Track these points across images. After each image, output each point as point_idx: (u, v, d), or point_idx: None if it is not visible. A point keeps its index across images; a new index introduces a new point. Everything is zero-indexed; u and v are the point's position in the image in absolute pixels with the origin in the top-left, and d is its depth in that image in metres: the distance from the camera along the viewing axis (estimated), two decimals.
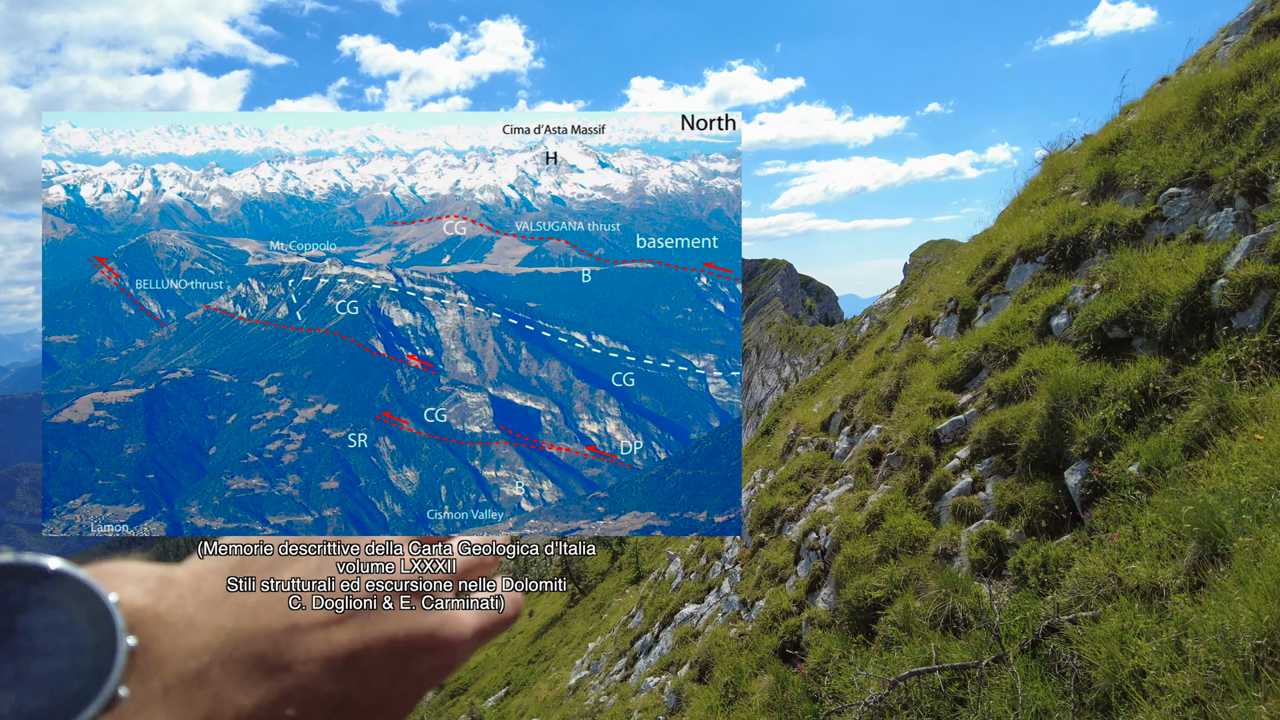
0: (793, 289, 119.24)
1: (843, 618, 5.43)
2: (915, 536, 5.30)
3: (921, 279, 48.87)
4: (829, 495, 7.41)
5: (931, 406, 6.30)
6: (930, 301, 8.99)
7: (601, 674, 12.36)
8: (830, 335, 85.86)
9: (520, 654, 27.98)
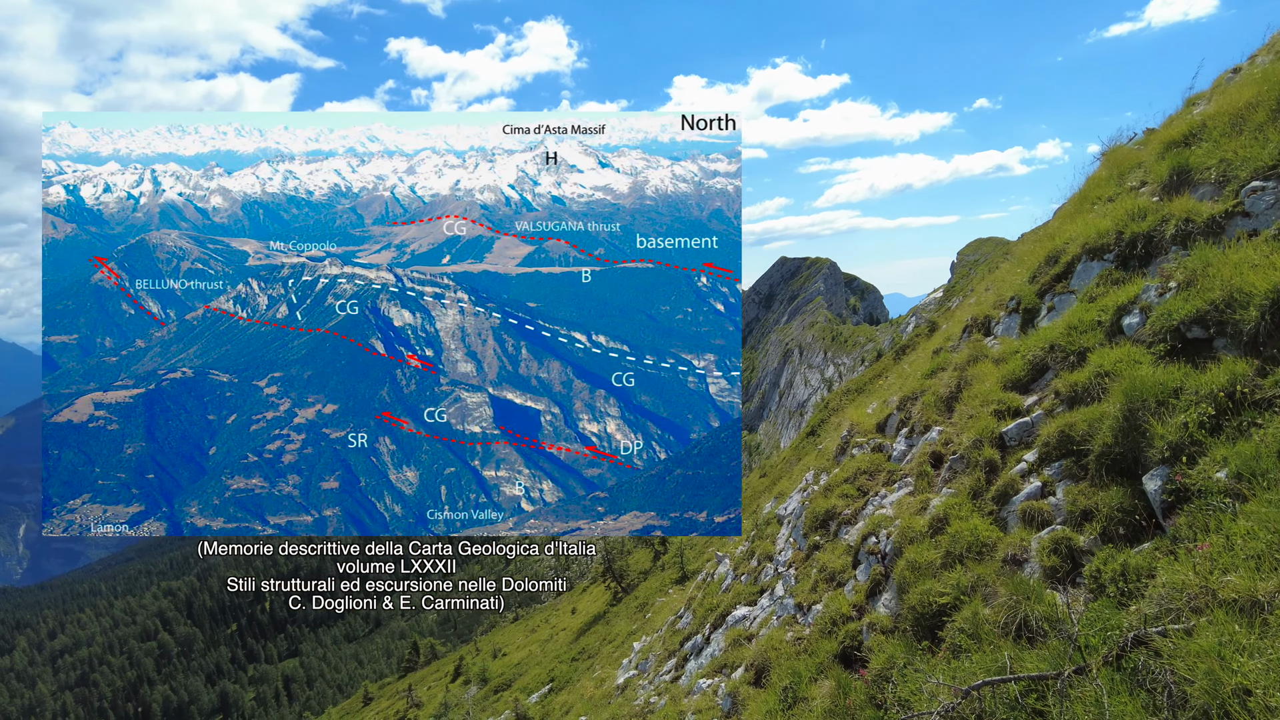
0: (836, 288, 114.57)
1: (906, 623, 5.25)
2: (981, 542, 5.14)
3: (969, 278, 47.76)
4: (888, 498, 7.23)
5: (995, 408, 6.12)
6: (989, 300, 8.64)
7: (650, 674, 12.34)
8: (875, 335, 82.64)
9: (563, 651, 27.93)
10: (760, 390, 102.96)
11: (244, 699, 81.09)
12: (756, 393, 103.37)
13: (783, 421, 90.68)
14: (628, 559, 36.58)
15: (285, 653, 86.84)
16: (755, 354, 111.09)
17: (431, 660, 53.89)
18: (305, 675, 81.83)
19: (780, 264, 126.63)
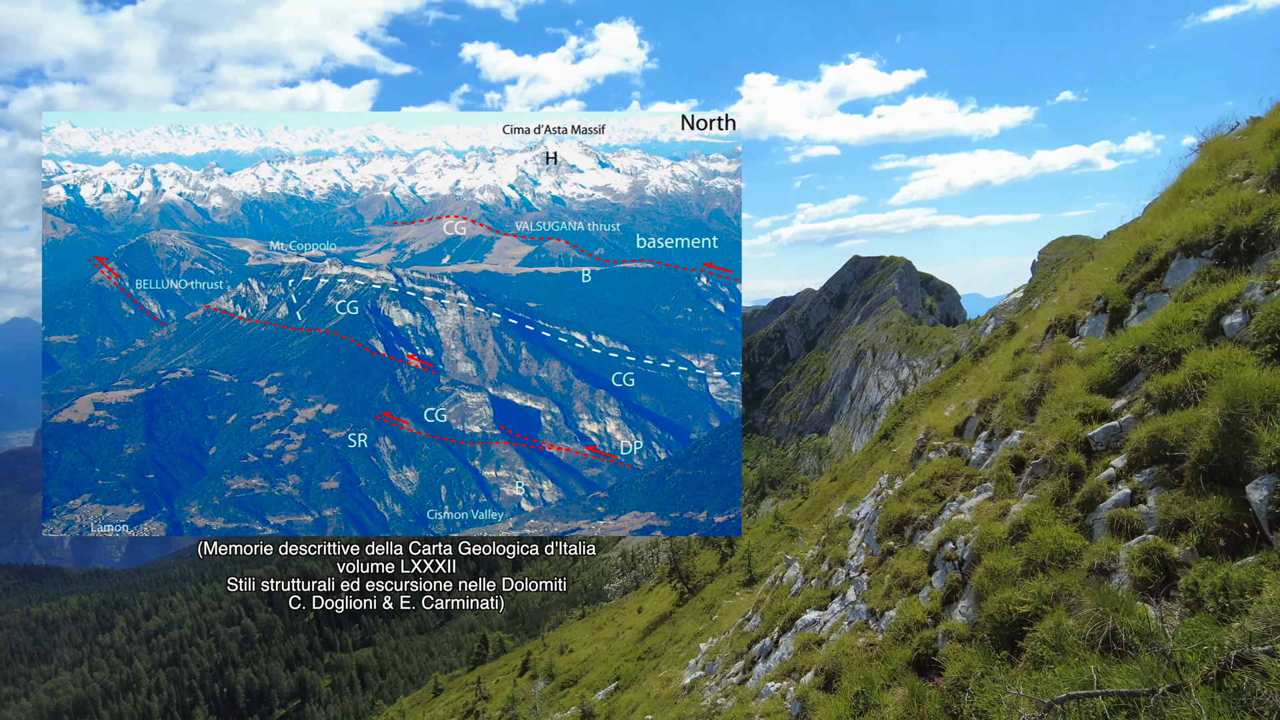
0: (911, 287, 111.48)
1: (984, 632, 5.09)
2: (1065, 550, 4.94)
3: (1051, 277, 46.80)
4: (966, 504, 7.02)
5: (1081, 412, 5.85)
6: (1074, 300, 8.33)
7: (717, 675, 12.31)
8: (952, 336, 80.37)
9: (629, 650, 27.99)
10: (831, 392, 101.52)
11: (320, 685, 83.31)
12: (827, 395, 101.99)
13: (854, 425, 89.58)
14: (693, 560, 36.54)
15: (359, 642, 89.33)
16: (826, 355, 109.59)
17: (500, 654, 54.29)
18: (378, 665, 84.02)
19: (853, 263, 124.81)
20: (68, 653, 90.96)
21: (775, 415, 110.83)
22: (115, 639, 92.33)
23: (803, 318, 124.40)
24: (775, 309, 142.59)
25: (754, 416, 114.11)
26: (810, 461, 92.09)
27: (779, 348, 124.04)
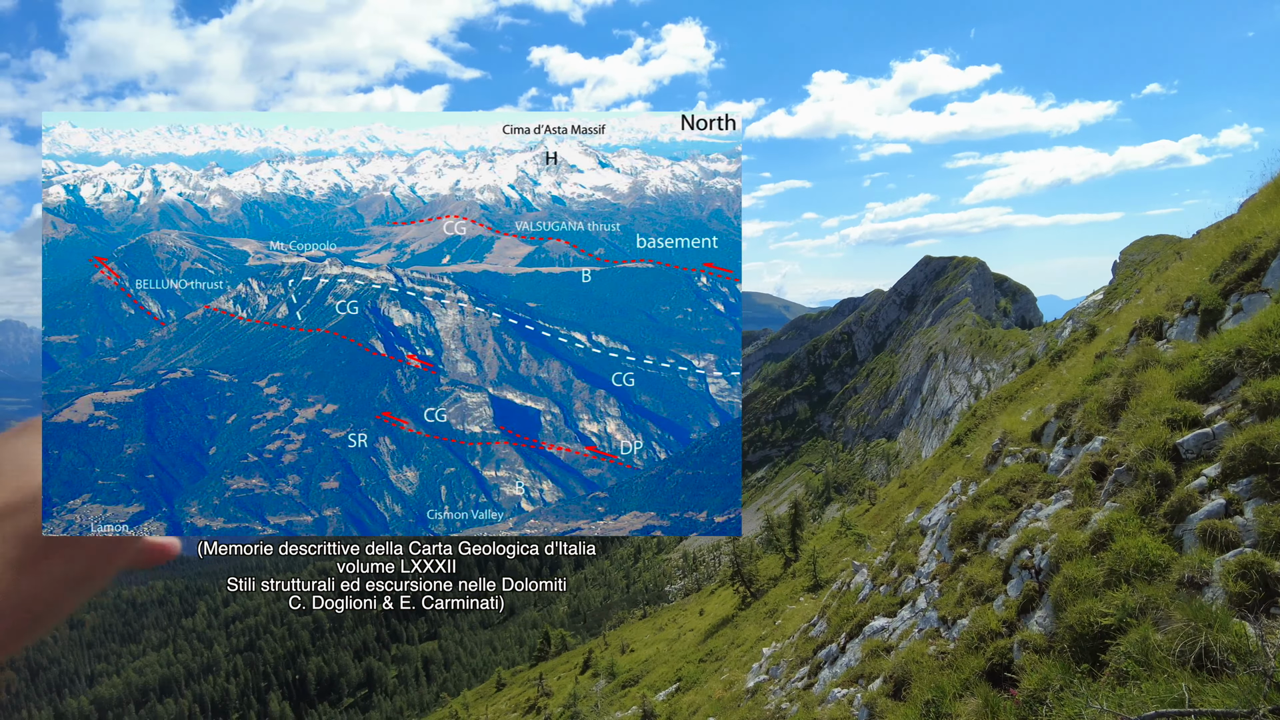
0: (985, 289, 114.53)
1: (1063, 643, 5.12)
2: (1152, 561, 4.89)
3: (1134, 278, 46.05)
4: (1043, 511, 7.09)
5: (1169, 417, 5.83)
6: (1161, 301, 8.29)
7: (782, 680, 12.29)
8: (1028, 339, 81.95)
9: (690, 651, 28.05)
10: (901, 396, 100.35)
11: (387, 676, 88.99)
12: (896, 399, 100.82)
13: (924, 430, 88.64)
14: (756, 564, 36.51)
15: (425, 635, 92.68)
16: (895, 358, 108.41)
17: (562, 651, 54.77)
18: (443, 658, 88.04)
19: (924, 263, 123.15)
20: (154, 634, 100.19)
21: (841, 419, 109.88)
22: (197, 623, 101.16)
23: (871, 319, 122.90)
24: (843, 310, 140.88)
25: (819, 420, 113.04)
26: (878, 467, 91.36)
27: (846, 350, 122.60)
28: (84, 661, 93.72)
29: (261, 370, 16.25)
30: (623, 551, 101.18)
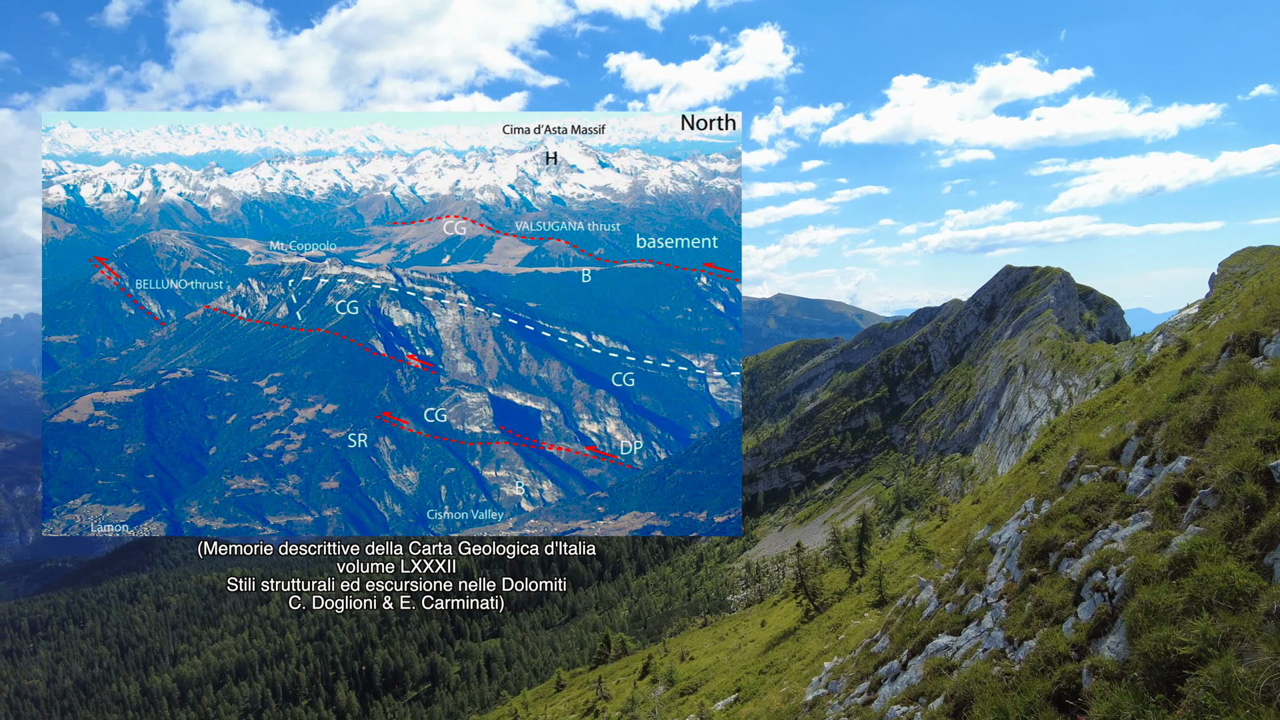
0: (1069, 300, 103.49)
1: (1136, 671, 4.63)
2: (1237, 589, 4.40)
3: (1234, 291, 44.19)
4: (1120, 532, 6.52)
5: (1262, 439, 5.25)
6: (1259, 315, 7.62)
7: (841, 695, 12.13)
8: (1113, 354, 74.10)
9: (751, 662, 27.92)
10: (977, 410, 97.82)
11: (450, 672, 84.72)
12: (973, 412, 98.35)
13: (1001, 445, 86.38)
14: (821, 577, 36.16)
15: (488, 633, 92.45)
16: (973, 370, 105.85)
17: (622, 655, 54.75)
18: (505, 656, 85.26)
19: (1005, 273, 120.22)
20: (232, 619, 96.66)
21: (915, 432, 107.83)
22: (271, 611, 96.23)
23: (948, 330, 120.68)
24: (919, 320, 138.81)
25: (891, 432, 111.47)
26: (952, 482, 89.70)
27: (921, 360, 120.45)
28: (169, 641, 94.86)
29: (261, 370, 16.26)
30: (685, 559, 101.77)
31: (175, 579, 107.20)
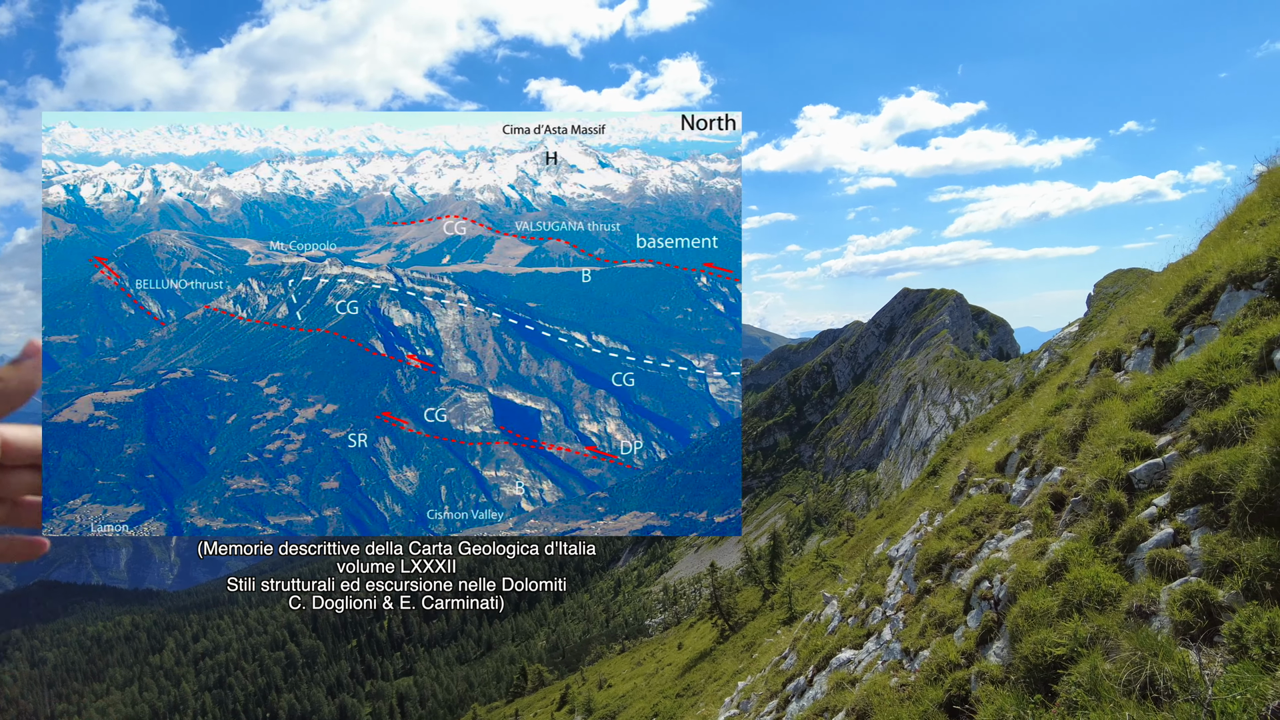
0: (963, 321, 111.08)
1: (1018, 674, 5.04)
2: (1104, 590, 4.85)
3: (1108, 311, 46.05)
4: (1004, 541, 7.00)
5: (1123, 448, 5.76)
6: (1121, 333, 8.23)
7: (751, 714, 12.32)
8: (1005, 371, 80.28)
9: (668, 686, 28.04)
10: (880, 427, 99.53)
11: (361, 713, 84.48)
12: (876, 429, 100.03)
13: (904, 460, 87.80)
14: (735, 596, 36.28)
15: (400, 670, 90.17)
16: (875, 389, 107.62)
17: (539, 687, 54.27)
18: (418, 694, 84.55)
19: (902, 295, 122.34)
20: (119, 672, 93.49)
21: (822, 450, 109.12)
22: (165, 660, 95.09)
23: (851, 351, 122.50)
24: (823, 341, 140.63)
25: (800, 450, 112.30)
26: (858, 498, 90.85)
27: (826, 380, 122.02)
28: (44, 701, 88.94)
29: (261, 370, 16.28)
30: (603, 585, 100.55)
31: (52, 632, 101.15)
